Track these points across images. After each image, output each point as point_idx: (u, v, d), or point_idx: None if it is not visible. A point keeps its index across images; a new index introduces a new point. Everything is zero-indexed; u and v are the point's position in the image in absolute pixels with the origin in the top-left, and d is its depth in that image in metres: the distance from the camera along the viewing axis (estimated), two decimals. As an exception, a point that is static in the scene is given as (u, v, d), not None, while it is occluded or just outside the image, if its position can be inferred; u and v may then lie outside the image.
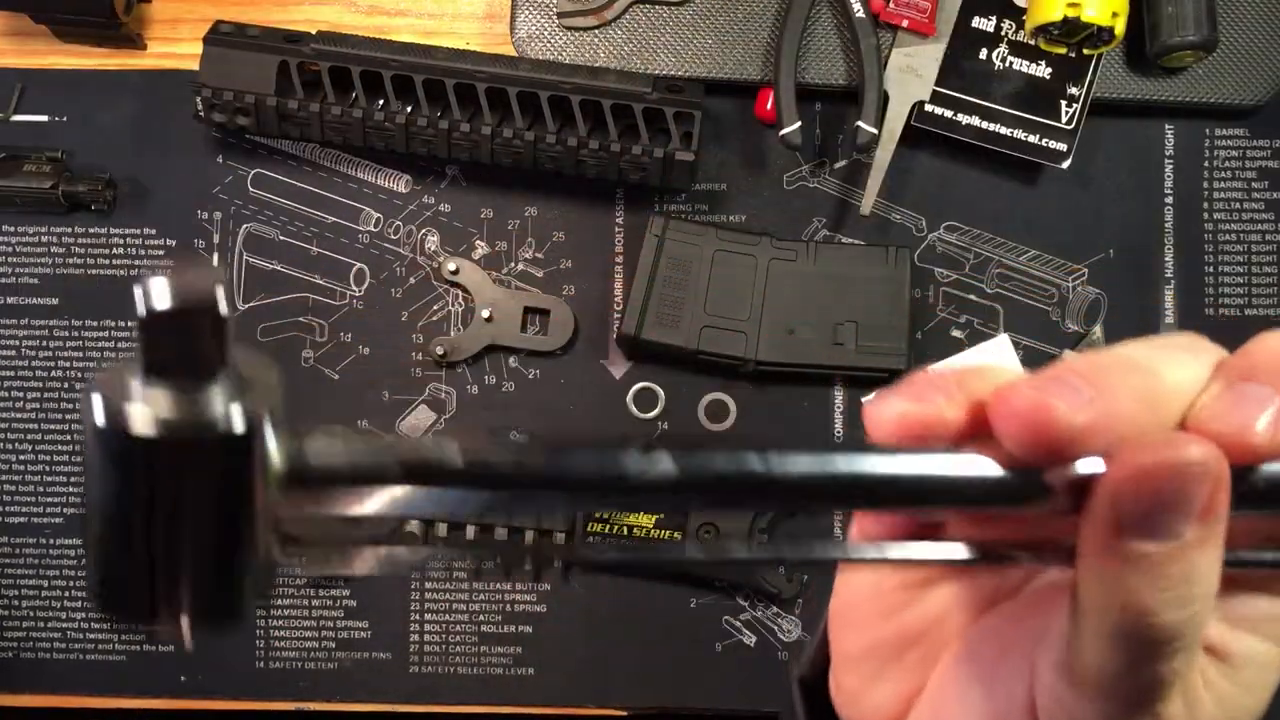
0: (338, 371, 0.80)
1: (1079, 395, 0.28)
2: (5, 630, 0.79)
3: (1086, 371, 0.28)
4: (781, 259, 0.77)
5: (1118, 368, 0.29)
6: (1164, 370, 0.30)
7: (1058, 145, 0.75)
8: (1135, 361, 0.30)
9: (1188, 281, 0.79)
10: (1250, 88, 0.77)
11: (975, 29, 0.75)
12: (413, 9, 0.80)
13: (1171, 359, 0.31)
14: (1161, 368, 0.30)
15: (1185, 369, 0.31)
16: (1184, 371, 0.31)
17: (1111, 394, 0.28)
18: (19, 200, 0.78)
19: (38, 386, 0.79)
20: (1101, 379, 0.28)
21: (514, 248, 0.80)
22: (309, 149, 0.80)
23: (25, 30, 0.79)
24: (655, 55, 0.76)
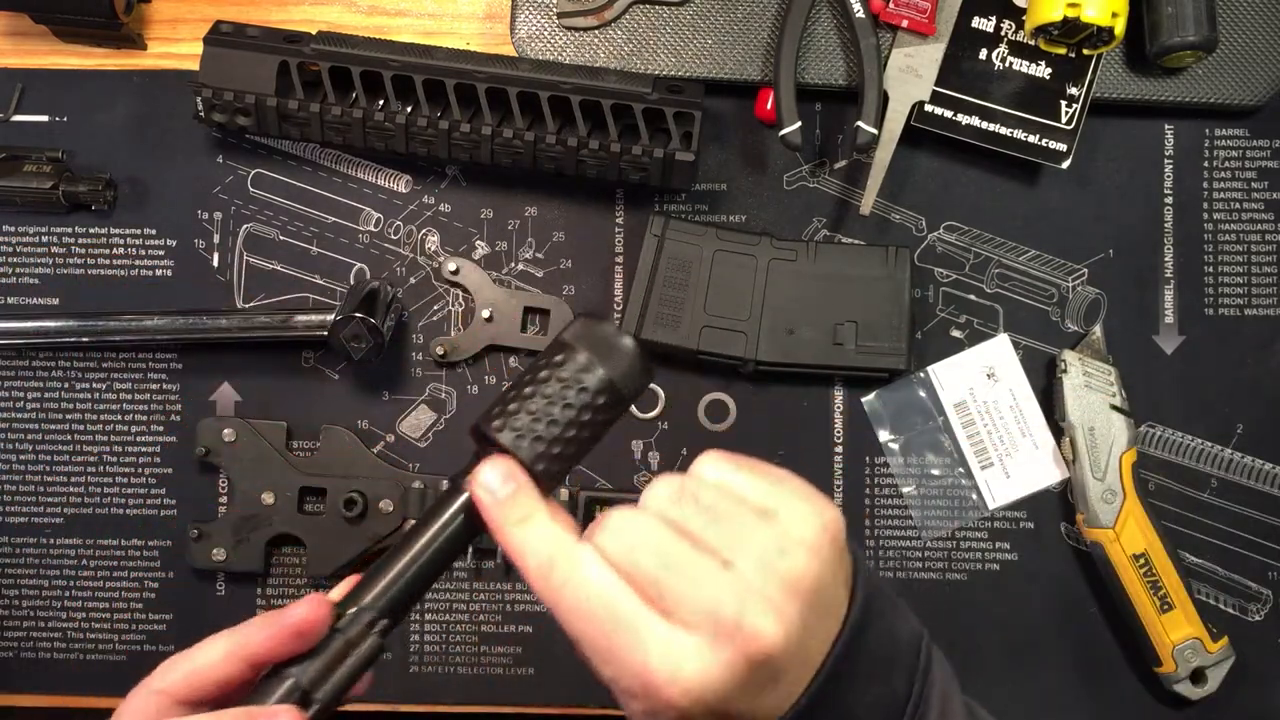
0: (337, 372, 0.80)
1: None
2: (5, 630, 0.79)
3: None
4: (781, 259, 0.77)
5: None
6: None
7: (1058, 145, 0.75)
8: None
9: (1188, 281, 0.79)
10: (1250, 88, 0.77)
11: (975, 29, 0.75)
12: (413, 9, 0.80)
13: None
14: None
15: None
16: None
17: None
18: (19, 200, 0.78)
19: (38, 387, 0.79)
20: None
21: (514, 248, 0.80)
22: (309, 149, 0.80)
23: (25, 30, 0.79)
24: (655, 55, 0.76)
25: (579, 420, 0.47)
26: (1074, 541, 0.78)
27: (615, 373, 0.47)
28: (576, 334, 0.47)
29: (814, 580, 0.42)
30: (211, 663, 0.44)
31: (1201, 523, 0.78)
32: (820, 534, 0.43)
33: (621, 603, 0.42)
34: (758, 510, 0.44)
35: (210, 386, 0.79)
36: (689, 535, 0.43)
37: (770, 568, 0.42)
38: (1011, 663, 0.78)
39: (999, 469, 0.79)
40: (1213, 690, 0.76)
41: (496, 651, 0.79)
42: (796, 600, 0.42)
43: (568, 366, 0.47)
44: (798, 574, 0.42)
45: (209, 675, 0.44)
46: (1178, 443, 0.79)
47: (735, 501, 0.44)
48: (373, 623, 0.46)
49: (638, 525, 0.44)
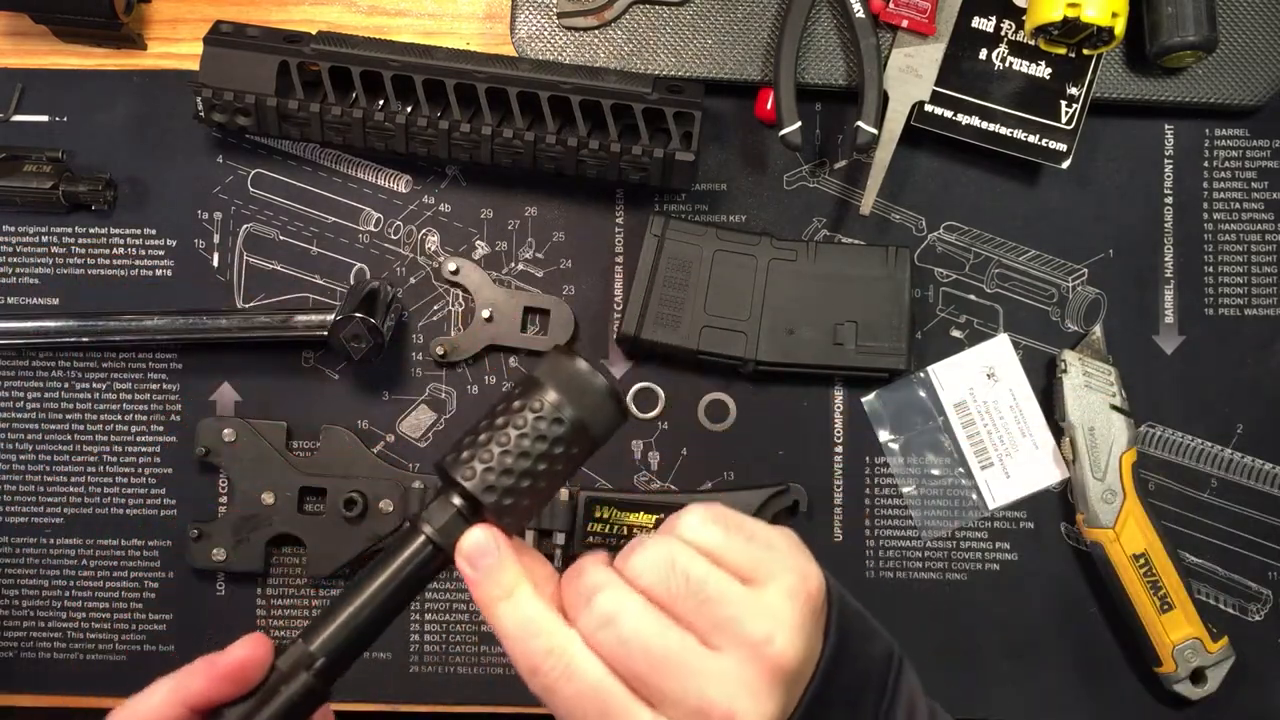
0: (337, 372, 0.80)
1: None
2: (5, 630, 0.79)
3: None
4: (781, 259, 0.77)
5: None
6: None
7: (1058, 145, 0.75)
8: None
9: (1187, 281, 0.79)
10: (1250, 88, 0.77)
11: (975, 29, 0.75)
12: (413, 9, 0.80)
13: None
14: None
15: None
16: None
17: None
18: (19, 200, 0.78)
19: (38, 387, 0.79)
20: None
21: (514, 248, 0.80)
22: (309, 149, 0.80)
23: (25, 30, 0.79)
24: (655, 55, 0.76)
25: (545, 463, 0.45)
26: (1074, 541, 0.78)
27: (586, 414, 0.45)
28: (547, 371, 0.46)
29: (797, 658, 0.43)
30: (151, 709, 0.45)
31: (1201, 523, 0.78)
32: (806, 606, 0.44)
33: (613, 701, 0.42)
34: (745, 579, 0.44)
35: (210, 386, 0.79)
36: (678, 618, 0.43)
37: (759, 655, 0.42)
38: (1011, 663, 0.78)
39: (999, 469, 0.79)
40: (1213, 690, 0.76)
41: (496, 651, 0.79)
42: (783, 683, 0.43)
43: (536, 405, 0.45)
44: (785, 658, 0.43)
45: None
46: (1178, 443, 0.79)
47: (723, 576, 0.44)
48: (310, 663, 0.45)
49: (627, 611, 0.43)
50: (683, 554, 0.44)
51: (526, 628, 0.44)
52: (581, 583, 0.44)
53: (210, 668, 0.44)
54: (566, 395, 0.45)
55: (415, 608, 0.79)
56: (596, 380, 0.46)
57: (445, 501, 0.46)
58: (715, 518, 0.45)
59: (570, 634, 0.43)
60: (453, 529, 0.46)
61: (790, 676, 0.43)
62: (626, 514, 0.77)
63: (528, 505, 0.46)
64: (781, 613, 0.43)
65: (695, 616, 0.43)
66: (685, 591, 0.43)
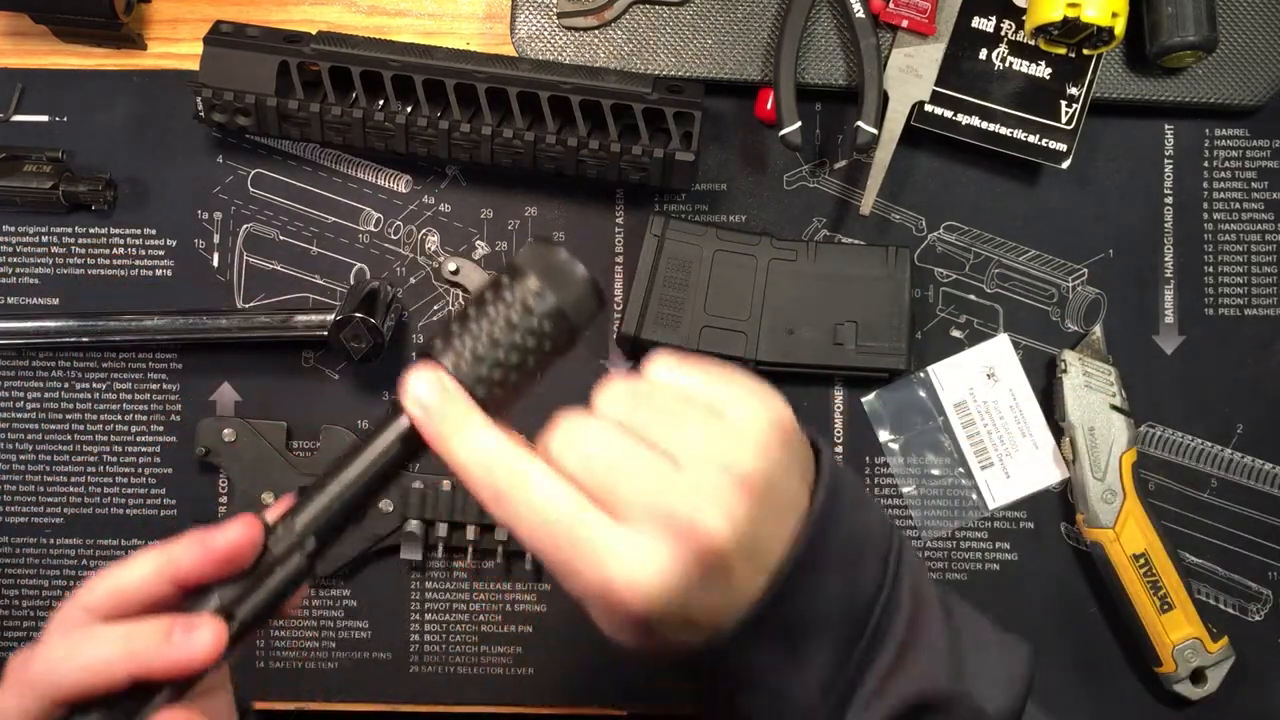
0: (337, 372, 0.80)
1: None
2: (5, 630, 0.79)
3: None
4: (781, 259, 0.77)
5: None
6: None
7: (1058, 145, 0.75)
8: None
9: (1187, 281, 0.79)
10: (1250, 88, 0.77)
11: (975, 29, 0.75)
12: (413, 9, 0.80)
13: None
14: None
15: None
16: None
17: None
18: (19, 200, 0.78)
19: (38, 387, 0.79)
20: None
21: (514, 248, 0.80)
22: (309, 149, 0.80)
23: (25, 30, 0.79)
24: (655, 55, 0.76)
25: (523, 345, 0.45)
26: (1074, 541, 0.78)
27: (565, 300, 0.46)
28: (527, 258, 0.46)
29: (764, 478, 0.42)
30: (137, 581, 0.44)
31: (1201, 523, 0.78)
32: (769, 431, 0.43)
33: (575, 513, 0.41)
34: (708, 409, 0.43)
35: (210, 386, 0.79)
36: (641, 438, 0.42)
37: (720, 467, 0.42)
38: (1011, 663, 0.78)
39: (999, 469, 0.79)
40: (1213, 690, 0.76)
41: (496, 651, 0.79)
42: (747, 498, 0.42)
43: (516, 290, 0.46)
44: (747, 472, 0.42)
45: (134, 594, 0.44)
46: (1178, 443, 0.79)
47: (686, 401, 0.43)
48: (301, 544, 0.45)
49: (590, 431, 0.43)
50: (645, 385, 0.44)
51: (485, 455, 0.43)
52: (549, 425, 0.44)
53: (202, 549, 0.43)
54: (548, 282, 0.46)
55: (415, 608, 0.79)
56: (577, 269, 0.46)
57: None
58: (682, 360, 0.45)
59: (532, 458, 0.43)
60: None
61: (758, 494, 0.42)
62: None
63: (508, 391, 0.46)
64: (745, 430, 0.43)
65: (657, 434, 0.42)
66: (648, 415, 0.43)
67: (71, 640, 0.42)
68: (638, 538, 0.41)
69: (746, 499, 0.42)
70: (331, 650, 0.79)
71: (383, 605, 0.79)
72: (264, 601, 0.44)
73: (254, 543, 0.44)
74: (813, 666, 0.44)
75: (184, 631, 0.42)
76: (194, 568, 0.43)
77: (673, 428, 0.42)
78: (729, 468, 0.42)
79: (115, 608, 0.44)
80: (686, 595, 0.41)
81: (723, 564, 0.41)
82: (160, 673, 0.42)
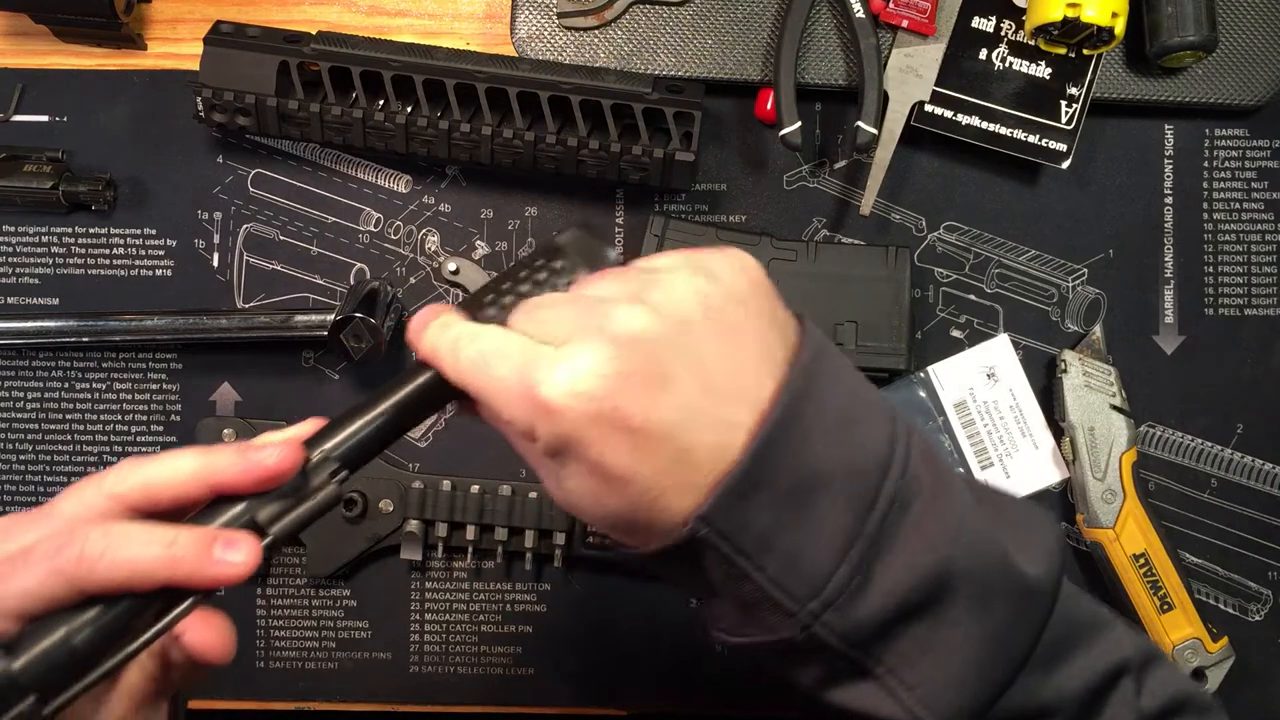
0: (337, 372, 0.80)
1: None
2: (5, 630, 0.79)
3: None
4: (781, 259, 0.77)
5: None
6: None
7: (1058, 145, 0.75)
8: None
9: (1187, 281, 0.79)
10: (1250, 88, 0.77)
11: (975, 29, 0.75)
12: (413, 9, 0.80)
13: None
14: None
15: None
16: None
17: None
18: (19, 200, 0.78)
19: (38, 387, 0.79)
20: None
21: (514, 248, 0.80)
22: (309, 149, 0.80)
23: (25, 30, 0.79)
24: (655, 55, 0.77)
25: None
26: (1074, 541, 0.78)
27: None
28: (569, 240, 0.48)
29: (716, 299, 0.43)
30: (174, 479, 0.44)
31: (1201, 523, 0.78)
32: (736, 272, 0.44)
33: (510, 342, 0.43)
34: (670, 268, 0.44)
35: (210, 386, 0.79)
36: (593, 298, 0.43)
37: (658, 283, 0.43)
38: (1011, 663, 0.78)
39: (999, 469, 0.79)
40: (1213, 690, 0.76)
41: (496, 651, 0.79)
42: (683, 307, 0.42)
43: (553, 266, 0.47)
44: (691, 290, 0.42)
45: (167, 490, 0.44)
46: (1178, 443, 0.79)
47: (656, 270, 0.44)
48: (335, 472, 0.45)
49: (549, 297, 0.45)
50: (625, 270, 0.46)
51: (443, 332, 0.45)
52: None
53: (245, 463, 0.43)
54: (584, 262, 0.48)
55: (415, 608, 0.79)
56: (612, 254, 0.48)
57: None
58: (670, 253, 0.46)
59: (477, 326, 0.45)
60: None
61: (703, 311, 0.42)
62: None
63: None
64: (705, 267, 0.44)
65: (615, 291, 0.44)
66: (612, 280, 0.45)
67: (111, 536, 0.42)
68: (565, 347, 0.41)
69: (682, 307, 0.42)
70: (331, 650, 0.79)
71: (383, 605, 0.79)
72: (296, 522, 0.44)
73: (295, 465, 0.44)
74: (824, 526, 0.42)
75: (225, 548, 0.42)
76: (234, 479, 0.43)
77: (634, 283, 0.43)
78: (667, 283, 0.42)
79: (144, 501, 0.44)
80: (612, 387, 0.40)
81: (647, 355, 0.41)
82: (196, 584, 0.42)
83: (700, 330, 0.42)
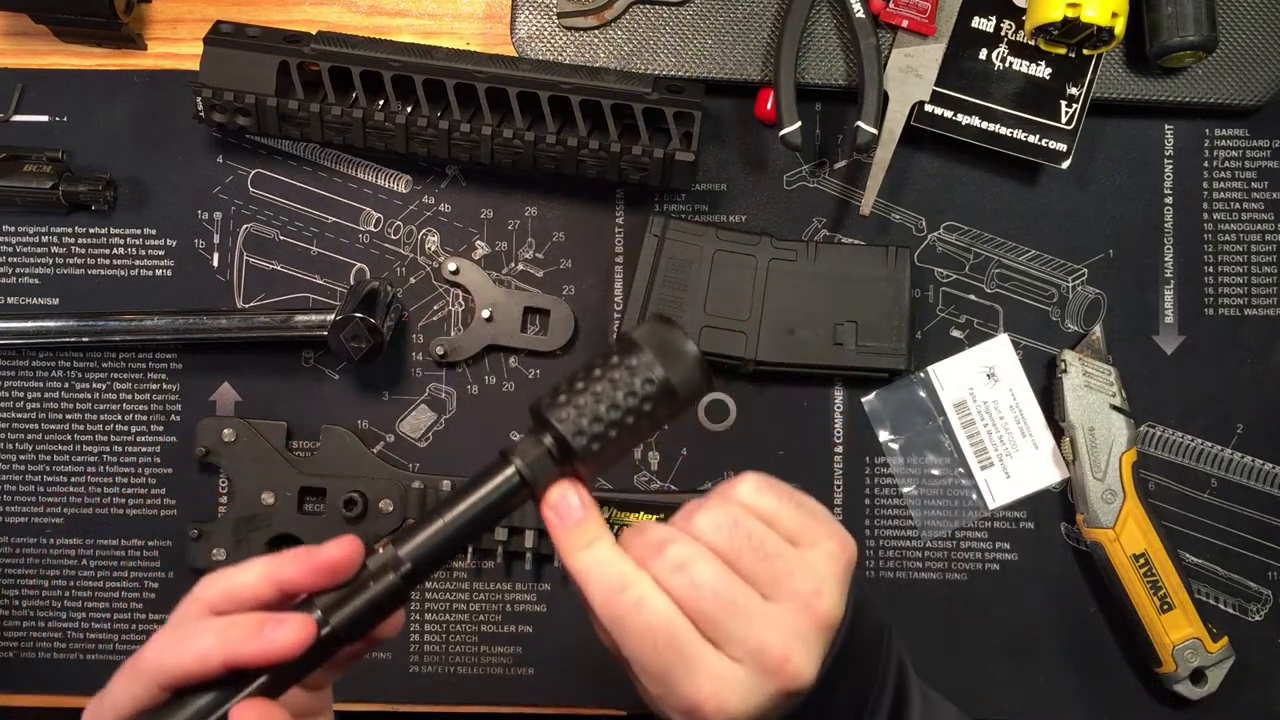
0: (337, 372, 0.80)
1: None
2: (5, 630, 0.79)
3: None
4: (781, 259, 0.77)
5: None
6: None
7: (1058, 145, 0.75)
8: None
9: (1187, 281, 0.79)
10: (1250, 88, 0.77)
11: (975, 29, 0.75)
12: (413, 9, 0.80)
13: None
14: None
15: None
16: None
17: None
18: (19, 200, 0.78)
19: (38, 387, 0.79)
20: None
21: (514, 248, 0.80)
22: (309, 149, 0.80)
23: (25, 30, 0.79)
24: (655, 55, 0.76)
25: (633, 417, 0.49)
26: (1074, 541, 0.78)
27: (675, 375, 0.49)
28: (645, 334, 0.50)
29: (839, 614, 0.48)
30: (247, 584, 0.48)
31: (1201, 523, 0.78)
32: (845, 570, 0.49)
33: (681, 634, 0.46)
34: (794, 541, 0.49)
35: (210, 386, 0.79)
36: (739, 570, 0.47)
37: (809, 608, 0.47)
38: (1011, 663, 0.78)
39: (999, 469, 0.79)
40: (1213, 690, 0.76)
41: (496, 651, 0.79)
42: (826, 636, 0.48)
43: (630, 363, 0.49)
44: (828, 612, 0.48)
45: (243, 594, 0.48)
46: (1178, 443, 0.79)
47: (778, 537, 0.49)
48: (398, 566, 0.48)
49: (696, 558, 0.47)
50: (743, 515, 0.49)
51: (604, 567, 0.48)
52: (649, 536, 0.48)
53: (307, 559, 0.47)
54: (660, 357, 0.49)
55: (415, 608, 0.79)
56: (689, 347, 0.50)
57: (536, 440, 0.49)
58: (768, 485, 0.50)
59: (643, 574, 0.48)
60: (540, 467, 0.49)
61: (832, 630, 0.48)
62: (627, 514, 0.77)
63: (611, 453, 0.49)
64: (827, 572, 0.48)
65: (755, 570, 0.47)
66: (747, 548, 0.48)
67: (180, 632, 0.46)
68: (735, 668, 0.46)
69: (826, 636, 0.48)
70: (331, 650, 0.79)
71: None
72: (357, 610, 0.47)
73: (353, 558, 0.48)
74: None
75: (274, 625, 0.46)
76: (298, 576, 0.47)
77: (769, 563, 0.48)
78: (816, 609, 0.48)
79: (226, 604, 0.48)
80: (761, 716, 0.47)
81: (800, 695, 0.47)
82: (250, 659, 0.45)
83: (833, 634, 0.49)
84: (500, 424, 0.79)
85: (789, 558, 0.48)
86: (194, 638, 0.46)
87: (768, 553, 0.48)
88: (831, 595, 0.48)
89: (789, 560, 0.48)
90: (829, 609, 0.48)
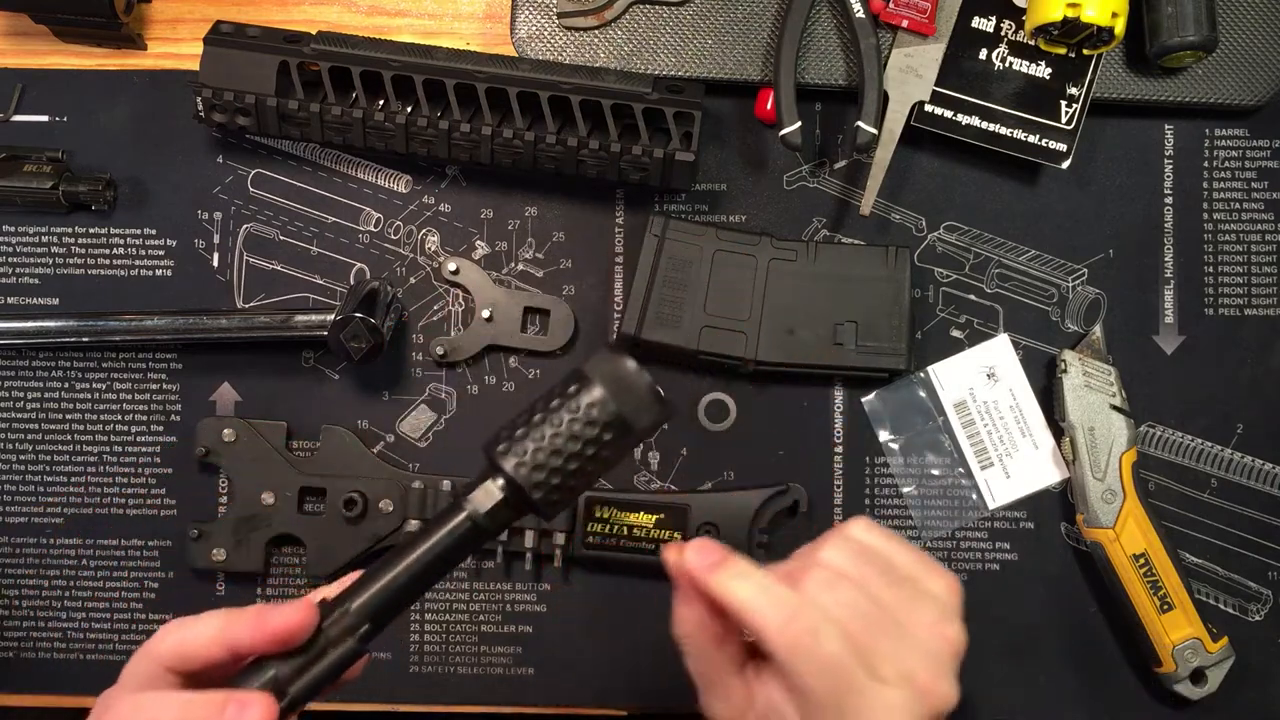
0: (337, 372, 0.80)
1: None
2: (5, 630, 0.79)
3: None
4: (781, 259, 0.77)
5: None
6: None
7: (1058, 145, 0.75)
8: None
9: (1187, 281, 0.79)
10: (1250, 88, 0.77)
11: (975, 29, 0.75)
12: (413, 9, 0.80)
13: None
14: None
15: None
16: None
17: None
18: (19, 200, 0.78)
19: (38, 387, 0.79)
20: None
21: (514, 248, 0.80)
22: (309, 149, 0.80)
23: (25, 30, 0.79)
24: (655, 55, 0.76)
25: (585, 453, 0.47)
26: (1074, 541, 0.78)
27: (629, 410, 0.47)
28: (594, 367, 0.48)
29: (964, 643, 0.52)
30: (200, 642, 0.47)
31: (1201, 523, 0.78)
32: (958, 601, 0.52)
33: (850, 666, 0.48)
34: (910, 578, 0.52)
35: (210, 386, 0.79)
36: (875, 599, 0.50)
37: (941, 634, 0.51)
38: (1011, 663, 0.78)
39: (999, 469, 0.79)
40: (1213, 690, 0.76)
41: (496, 651, 0.79)
42: (956, 661, 0.51)
43: (581, 398, 0.47)
44: (956, 638, 0.51)
45: (195, 652, 0.47)
46: (1178, 443, 0.79)
47: (896, 571, 0.51)
48: (355, 627, 0.47)
49: (842, 586, 0.50)
50: (864, 549, 0.52)
51: (768, 594, 0.49)
52: (785, 568, 0.51)
53: (261, 623, 0.46)
54: (612, 392, 0.47)
55: (416, 607, 0.79)
56: (642, 379, 0.48)
57: (489, 485, 0.48)
58: (877, 526, 0.53)
59: (809, 604, 0.49)
60: (496, 514, 0.48)
61: (959, 657, 0.51)
62: (626, 514, 0.77)
63: (567, 494, 0.48)
64: (946, 601, 0.52)
65: (886, 597, 0.50)
66: (876, 573, 0.51)
67: (137, 702, 0.46)
68: (898, 694, 0.48)
69: (956, 662, 0.51)
70: (331, 650, 0.79)
71: (383, 605, 0.79)
72: (315, 680, 0.47)
73: (308, 625, 0.47)
74: None
75: (237, 709, 0.45)
76: (250, 642, 0.47)
77: (896, 592, 0.51)
78: (947, 635, 0.51)
79: (179, 662, 0.48)
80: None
81: (944, 716, 0.50)
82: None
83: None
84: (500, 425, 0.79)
85: (908, 587, 0.51)
86: (153, 713, 0.46)
87: (894, 579, 0.51)
88: (956, 623, 0.51)
89: (914, 589, 0.51)
90: (956, 635, 0.51)
